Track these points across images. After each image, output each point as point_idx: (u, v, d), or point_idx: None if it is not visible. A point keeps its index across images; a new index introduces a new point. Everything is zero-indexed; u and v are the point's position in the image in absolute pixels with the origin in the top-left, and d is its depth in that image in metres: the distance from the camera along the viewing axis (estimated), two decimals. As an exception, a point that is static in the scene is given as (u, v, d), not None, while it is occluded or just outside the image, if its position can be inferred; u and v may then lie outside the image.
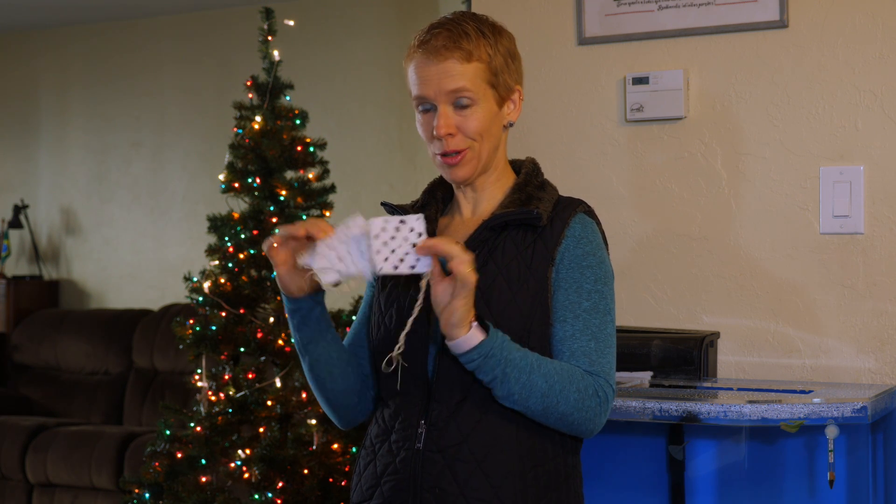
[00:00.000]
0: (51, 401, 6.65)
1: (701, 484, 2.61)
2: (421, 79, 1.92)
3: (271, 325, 4.09)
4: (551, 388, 1.84)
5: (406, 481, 1.90)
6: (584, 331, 1.91)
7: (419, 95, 1.93)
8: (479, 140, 1.94)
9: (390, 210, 2.05)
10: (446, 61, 1.90)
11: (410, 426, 1.91)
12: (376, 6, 6.50)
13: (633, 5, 3.02)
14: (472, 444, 1.88)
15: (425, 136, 1.96)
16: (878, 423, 2.58)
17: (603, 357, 1.91)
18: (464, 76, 1.91)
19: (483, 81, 1.93)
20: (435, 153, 1.96)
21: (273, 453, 3.96)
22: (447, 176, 1.98)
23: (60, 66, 7.44)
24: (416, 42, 1.94)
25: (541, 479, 1.90)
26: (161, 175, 7.13)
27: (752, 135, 2.92)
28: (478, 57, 1.92)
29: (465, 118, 1.92)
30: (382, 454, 1.95)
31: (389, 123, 6.44)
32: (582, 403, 1.87)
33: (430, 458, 1.88)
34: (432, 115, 1.93)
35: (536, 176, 2.02)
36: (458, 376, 1.88)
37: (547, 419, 1.88)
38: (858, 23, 2.82)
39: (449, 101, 1.91)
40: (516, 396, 1.84)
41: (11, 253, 7.37)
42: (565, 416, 1.87)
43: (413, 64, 1.94)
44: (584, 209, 1.98)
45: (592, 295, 1.92)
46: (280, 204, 4.17)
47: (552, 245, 1.92)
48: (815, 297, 2.85)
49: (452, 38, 1.91)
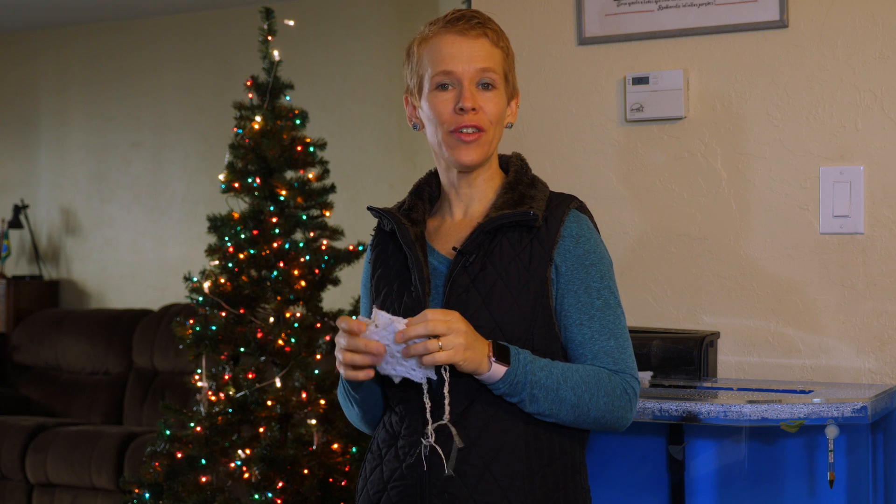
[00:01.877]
0: (51, 401, 6.64)
1: (701, 484, 2.61)
2: (449, 55, 1.93)
3: (271, 325, 4.08)
4: (580, 398, 1.87)
5: (414, 487, 1.90)
6: (601, 331, 1.92)
7: (445, 70, 1.93)
8: (494, 125, 1.96)
9: (376, 214, 2.04)
10: (479, 39, 1.94)
11: (417, 431, 1.91)
12: (376, 6, 6.50)
13: (633, 5, 3.02)
14: (480, 447, 1.88)
15: (441, 114, 1.94)
16: (878, 423, 2.58)
17: (624, 353, 1.94)
18: (493, 58, 1.95)
19: (503, 70, 1.97)
20: (450, 131, 1.94)
21: (273, 453, 3.96)
22: (456, 158, 1.95)
23: (60, 66, 7.44)
24: (443, 23, 1.95)
25: (549, 479, 1.91)
26: (161, 175, 7.13)
27: (752, 135, 2.92)
28: (502, 46, 1.97)
29: (488, 100, 1.94)
30: (389, 459, 1.94)
31: (389, 123, 6.44)
32: (612, 405, 1.90)
33: (437, 462, 1.88)
34: (452, 93, 1.93)
35: (526, 173, 2.02)
36: (465, 381, 1.88)
37: (580, 425, 1.91)
38: (858, 23, 2.82)
39: (475, 80, 1.93)
40: (547, 413, 1.87)
41: (11, 253, 7.37)
42: (598, 420, 1.90)
43: (437, 41, 1.95)
44: (576, 205, 1.98)
45: (602, 292, 1.93)
46: (280, 204, 4.17)
47: (549, 245, 1.92)
48: (815, 298, 2.85)
49: (482, 23, 1.95)
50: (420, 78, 1.97)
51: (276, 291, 4.10)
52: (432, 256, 1.97)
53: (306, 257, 4.12)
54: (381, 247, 2.05)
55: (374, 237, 2.08)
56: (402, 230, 1.97)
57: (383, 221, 2.04)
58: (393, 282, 1.99)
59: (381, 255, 2.05)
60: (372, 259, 2.06)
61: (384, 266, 2.02)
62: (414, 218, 2.01)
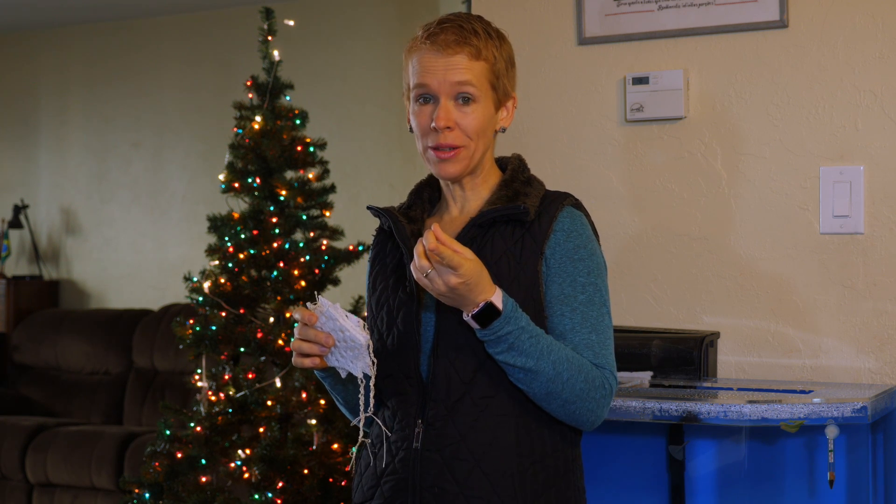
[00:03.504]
0: (51, 401, 6.64)
1: (701, 484, 2.61)
2: (425, 69, 1.93)
3: (271, 325, 4.08)
4: (558, 373, 1.85)
5: (406, 481, 1.91)
6: (583, 323, 1.91)
7: (421, 83, 1.93)
8: (474, 139, 1.95)
9: (375, 213, 2.05)
10: (455, 55, 1.92)
11: (408, 426, 1.92)
12: (376, 6, 6.50)
13: (633, 5, 3.02)
14: (470, 443, 1.88)
15: (420, 127, 1.96)
16: (878, 423, 2.58)
17: (606, 349, 1.93)
18: (470, 71, 1.93)
19: (486, 81, 1.95)
20: (427, 146, 1.96)
21: (273, 453, 3.96)
22: (436, 171, 1.98)
23: (60, 66, 7.44)
24: (424, 34, 1.95)
25: (540, 475, 1.91)
26: (161, 175, 7.13)
27: (752, 135, 2.92)
28: (485, 57, 1.94)
29: (466, 115, 1.93)
30: (382, 454, 1.95)
31: (389, 123, 6.44)
32: (587, 394, 1.88)
33: (428, 457, 1.89)
34: (430, 108, 1.94)
35: (522, 172, 2.02)
36: (455, 376, 1.89)
37: (549, 405, 1.88)
38: (858, 23, 2.82)
39: (451, 95, 1.93)
40: (521, 367, 1.85)
41: (11, 253, 7.37)
42: (568, 402, 1.88)
43: (418, 54, 1.95)
44: (571, 202, 1.98)
45: (587, 287, 1.93)
46: (280, 204, 4.17)
47: (541, 239, 1.92)
48: (814, 297, 2.85)
49: (463, 35, 1.93)
50: (407, 85, 1.99)
51: (276, 291, 4.10)
52: None
53: (306, 257, 4.12)
54: (380, 246, 2.07)
55: (376, 237, 2.10)
56: (397, 226, 1.99)
57: (382, 220, 2.05)
58: (389, 277, 2.01)
59: (379, 253, 2.07)
60: (371, 258, 2.09)
61: (381, 263, 2.05)
62: (412, 216, 2.03)
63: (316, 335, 1.85)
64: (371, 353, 1.86)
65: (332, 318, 1.85)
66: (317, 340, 1.85)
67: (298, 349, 1.88)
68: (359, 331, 1.85)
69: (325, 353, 1.87)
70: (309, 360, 1.88)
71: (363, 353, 1.86)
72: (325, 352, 1.87)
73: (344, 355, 1.87)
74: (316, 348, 1.86)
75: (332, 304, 1.85)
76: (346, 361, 1.87)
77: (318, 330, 1.86)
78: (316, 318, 1.85)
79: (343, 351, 1.87)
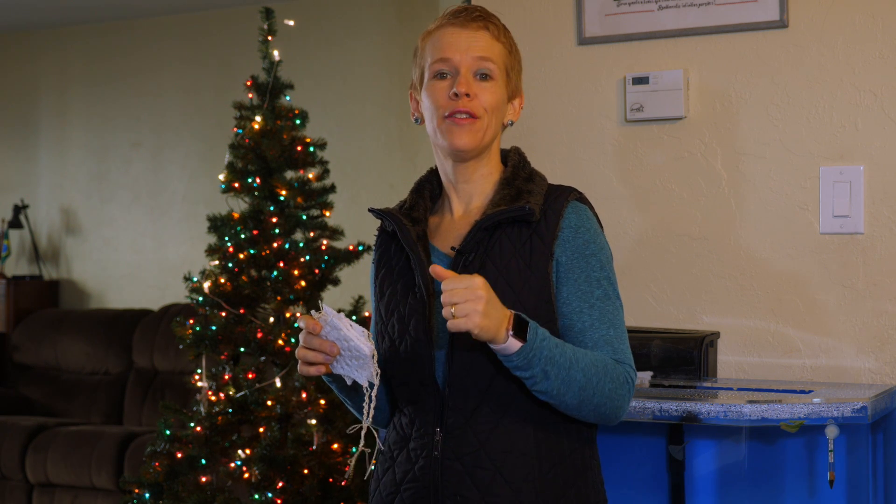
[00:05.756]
0: (51, 401, 6.65)
1: (701, 484, 2.61)
2: (448, 44, 1.96)
3: (271, 325, 4.08)
4: (588, 381, 1.85)
5: (426, 489, 1.91)
6: (601, 319, 1.92)
7: (443, 58, 1.95)
8: (490, 114, 1.96)
9: (377, 215, 2.05)
10: (479, 31, 1.96)
11: (427, 434, 1.92)
12: (376, 6, 6.50)
13: (633, 5, 3.02)
14: (490, 450, 1.88)
15: (436, 100, 1.96)
16: (878, 423, 2.58)
17: (623, 343, 1.93)
18: (492, 49, 1.97)
19: (503, 65, 1.99)
20: (444, 116, 1.95)
21: (273, 453, 3.96)
22: (449, 142, 1.96)
23: (60, 66, 7.44)
24: (446, 16, 1.99)
25: (560, 477, 1.91)
26: (161, 175, 7.13)
27: (752, 135, 2.92)
28: (503, 42, 1.99)
29: (485, 89, 1.96)
30: (401, 461, 1.95)
31: (389, 123, 6.44)
32: (614, 392, 1.89)
33: (448, 465, 1.89)
34: (449, 81, 1.95)
35: (524, 168, 2.02)
36: (472, 383, 1.88)
37: (580, 412, 1.89)
38: (858, 23, 2.82)
39: (472, 69, 1.95)
40: (554, 392, 1.84)
41: (11, 253, 7.37)
42: (599, 406, 1.88)
43: (439, 33, 1.98)
44: (575, 196, 1.98)
45: (602, 282, 1.93)
46: (280, 204, 4.17)
47: (549, 240, 1.92)
48: (815, 297, 2.85)
49: (485, 17, 1.98)
50: (421, 70, 2.00)
51: (276, 291, 4.10)
52: (434, 256, 1.98)
53: (306, 257, 4.12)
54: (384, 247, 2.06)
55: (378, 237, 2.09)
56: (403, 231, 1.97)
57: (385, 222, 2.04)
58: (396, 282, 1.99)
59: (384, 255, 2.05)
60: (376, 259, 2.08)
61: (387, 267, 2.03)
62: (415, 217, 2.01)
63: (321, 344, 1.84)
64: (376, 364, 1.85)
65: (336, 328, 1.83)
66: (321, 349, 1.84)
67: (304, 358, 1.86)
68: (363, 341, 1.83)
69: (330, 362, 1.86)
70: (314, 369, 1.87)
71: (368, 363, 1.84)
72: (329, 360, 1.85)
73: (349, 364, 1.86)
74: (321, 357, 1.85)
75: (336, 313, 1.84)
76: (352, 370, 1.86)
77: (323, 339, 1.85)
78: (321, 327, 1.83)
79: (348, 360, 1.86)
